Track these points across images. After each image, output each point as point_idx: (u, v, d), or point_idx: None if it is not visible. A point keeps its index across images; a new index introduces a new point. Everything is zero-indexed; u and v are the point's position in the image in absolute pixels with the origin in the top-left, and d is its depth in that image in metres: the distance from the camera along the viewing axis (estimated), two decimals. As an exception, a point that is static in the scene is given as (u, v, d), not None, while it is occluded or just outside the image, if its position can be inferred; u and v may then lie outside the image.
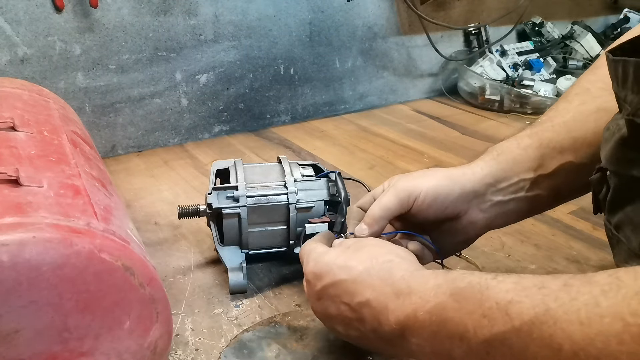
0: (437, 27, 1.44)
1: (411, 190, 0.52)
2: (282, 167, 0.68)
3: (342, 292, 0.44)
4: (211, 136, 1.19)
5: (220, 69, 1.15)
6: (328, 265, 0.46)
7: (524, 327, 0.32)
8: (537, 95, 1.37)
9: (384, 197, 0.52)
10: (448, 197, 0.52)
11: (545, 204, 0.56)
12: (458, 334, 0.36)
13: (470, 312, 0.35)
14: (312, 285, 0.47)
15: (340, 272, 0.45)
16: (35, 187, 0.43)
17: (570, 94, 0.55)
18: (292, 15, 1.21)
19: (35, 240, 0.37)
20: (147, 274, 0.43)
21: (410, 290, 0.40)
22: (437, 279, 0.39)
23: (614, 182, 0.43)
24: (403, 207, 0.52)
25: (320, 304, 0.47)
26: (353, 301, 0.43)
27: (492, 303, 0.34)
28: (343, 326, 0.45)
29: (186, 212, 0.66)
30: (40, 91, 0.70)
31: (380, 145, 1.16)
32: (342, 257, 0.46)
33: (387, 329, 0.41)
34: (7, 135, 0.51)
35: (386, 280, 0.42)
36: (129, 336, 0.43)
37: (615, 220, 0.44)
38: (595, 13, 1.88)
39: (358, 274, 0.44)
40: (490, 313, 0.34)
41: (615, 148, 0.41)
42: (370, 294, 0.42)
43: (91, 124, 1.02)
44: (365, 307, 0.42)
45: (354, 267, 0.45)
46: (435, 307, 0.38)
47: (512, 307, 0.33)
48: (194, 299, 0.63)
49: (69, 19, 0.94)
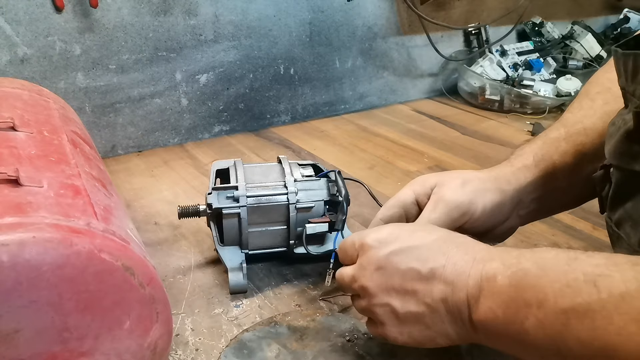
0: (437, 27, 1.44)
1: (466, 210, 0.50)
2: (282, 167, 0.68)
3: (413, 258, 0.42)
4: (211, 136, 1.19)
5: (220, 69, 1.15)
6: (394, 234, 0.44)
7: (612, 300, 0.30)
8: (537, 95, 1.37)
9: (432, 213, 0.50)
10: (501, 213, 0.52)
11: (570, 206, 0.57)
12: (536, 301, 0.34)
13: (553, 281, 0.34)
14: (374, 253, 0.43)
15: (410, 239, 0.43)
16: (35, 187, 0.43)
17: (592, 92, 0.55)
18: (292, 15, 1.21)
19: (35, 240, 0.37)
20: (147, 274, 0.43)
21: (492, 256, 0.39)
22: (520, 250, 0.38)
23: (616, 178, 0.43)
24: (455, 224, 0.50)
25: (380, 274, 0.43)
26: (425, 267, 0.41)
27: (579, 274, 0.33)
28: (403, 299, 0.42)
29: (186, 212, 0.66)
30: (40, 91, 0.70)
31: (380, 145, 1.16)
32: (405, 227, 0.44)
33: (462, 295, 0.39)
34: (7, 135, 0.51)
35: (465, 249, 0.41)
36: (129, 336, 0.43)
37: (616, 217, 0.44)
38: (595, 13, 1.88)
39: (432, 241, 0.42)
40: (575, 284, 0.32)
41: (620, 142, 0.42)
42: (447, 260, 0.40)
43: (91, 124, 1.02)
44: (438, 272, 0.40)
45: (426, 236, 0.43)
46: (517, 273, 0.36)
47: (600, 280, 0.31)
48: (194, 299, 0.63)
49: (69, 19, 0.94)
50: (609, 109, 0.52)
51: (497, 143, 1.16)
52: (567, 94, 1.39)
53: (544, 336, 0.34)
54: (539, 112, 1.35)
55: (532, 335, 0.34)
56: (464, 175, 0.53)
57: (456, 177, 0.52)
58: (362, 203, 0.85)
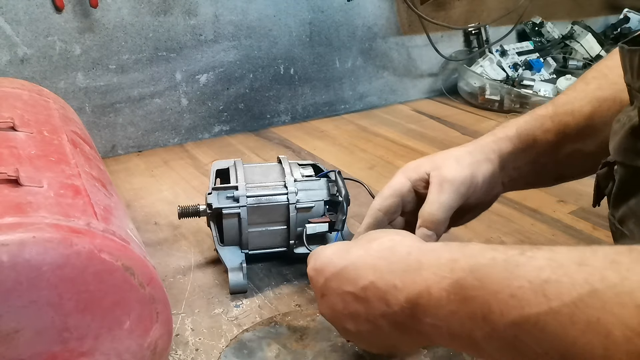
0: (437, 27, 1.44)
1: (470, 182, 0.51)
2: (282, 167, 0.68)
3: (344, 280, 0.41)
4: (211, 136, 1.19)
5: (220, 69, 1.15)
6: (327, 258, 0.44)
7: (564, 309, 0.28)
8: (537, 95, 1.37)
9: (442, 195, 0.50)
10: (495, 181, 0.54)
11: (548, 182, 0.59)
12: (481, 315, 0.32)
13: (495, 292, 0.31)
14: (315, 282, 0.45)
15: (339, 261, 0.42)
16: (35, 187, 0.43)
17: (588, 77, 0.56)
18: (292, 15, 1.21)
19: (35, 240, 0.37)
20: (147, 274, 0.43)
21: (420, 265, 0.37)
22: (452, 253, 0.36)
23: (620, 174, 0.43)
24: (462, 200, 0.50)
25: (325, 302, 0.44)
26: (357, 287, 0.40)
27: (524, 282, 0.30)
28: (352, 321, 0.42)
29: (186, 212, 0.66)
30: (40, 91, 0.70)
31: (380, 145, 1.16)
32: (341, 248, 0.44)
33: (397, 309, 0.37)
34: (7, 135, 0.51)
35: (389, 259, 0.39)
36: (129, 336, 0.43)
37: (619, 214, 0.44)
38: (595, 13, 1.88)
39: (357, 258, 0.41)
40: (520, 293, 0.30)
41: (624, 138, 0.42)
42: (373, 275, 0.39)
43: (91, 124, 1.02)
44: (370, 290, 0.39)
45: (353, 252, 0.42)
46: (453, 285, 0.34)
47: (549, 287, 0.29)
48: (194, 299, 0.63)
49: (69, 19, 0.94)
50: (601, 94, 0.53)
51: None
52: (567, 94, 1.39)
53: (496, 347, 0.32)
54: (539, 112, 1.35)
55: (484, 346, 0.32)
56: (452, 153, 0.54)
57: (447, 156, 0.53)
58: (362, 203, 0.85)
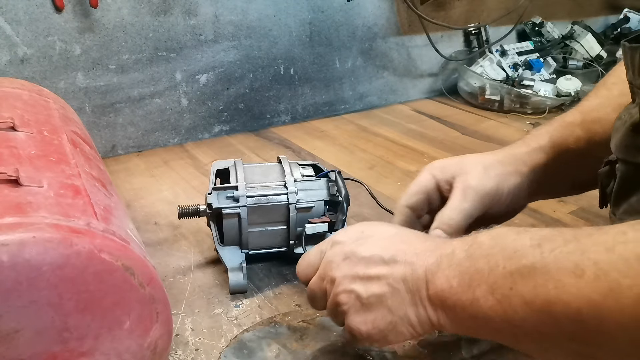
0: (437, 27, 1.44)
1: (494, 194, 0.52)
2: (282, 167, 0.68)
3: (377, 246, 0.44)
4: (211, 136, 1.19)
5: (220, 69, 1.15)
6: (359, 230, 0.47)
7: (551, 257, 0.32)
8: (537, 95, 1.37)
9: (464, 203, 0.51)
10: (520, 194, 0.54)
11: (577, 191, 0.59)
12: (488, 268, 0.36)
13: (503, 248, 0.36)
14: (343, 245, 0.46)
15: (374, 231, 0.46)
16: (35, 187, 0.43)
17: (608, 82, 0.56)
18: (292, 15, 1.21)
19: (35, 240, 0.37)
20: (147, 274, 0.43)
21: (451, 240, 0.41)
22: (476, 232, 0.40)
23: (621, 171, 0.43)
24: (484, 210, 0.52)
25: (346, 263, 0.44)
26: (387, 253, 0.43)
27: (526, 240, 0.35)
28: (367, 283, 0.43)
29: (186, 212, 0.66)
30: (40, 91, 0.70)
31: (380, 145, 1.16)
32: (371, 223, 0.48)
33: (420, 272, 0.40)
34: (7, 135, 0.51)
35: (425, 238, 0.44)
36: (129, 336, 0.43)
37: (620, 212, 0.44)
38: (595, 13, 1.88)
39: (393, 234, 0.45)
40: (522, 248, 0.34)
41: (625, 135, 0.42)
42: (408, 247, 0.43)
43: (91, 124, 1.02)
44: (400, 256, 0.42)
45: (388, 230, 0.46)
46: (472, 246, 0.38)
47: (544, 243, 0.34)
48: (194, 299, 0.63)
49: (69, 19, 0.94)
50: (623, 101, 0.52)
51: (497, 143, 1.16)
52: (567, 94, 1.39)
53: (493, 302, 0.35)
54: (539, 112, 1.35)
55: (483, 302, 0.36)
56: (482, 160, 0.54)
57: (476, 163, 0.53)
58: (362, 203, 0.85)
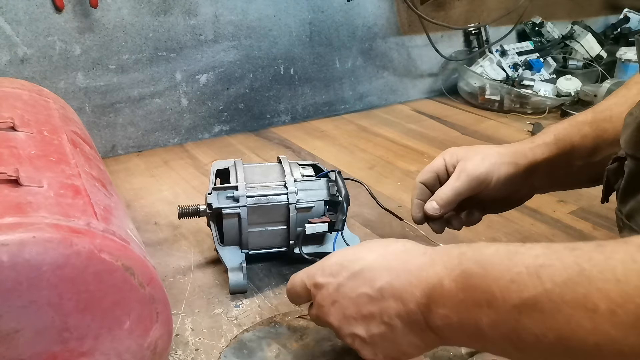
0: (437, 27, 1.44)
1: (483, 178, 0.57)
2: (282, 167, 0.68)
3: (360, 282, 0.43)
4: (211, 136, 1.19)
5: (220, 69, 1.15)
6: (338, 264, 0.45)
7: (556, 289, 0.30)
8: (537, 95, 1.37)
9: (456, 182, 0.57)
10: (515, 182, 0.58)
11: (584, 184, 0.61)
12: (485, 301, 0.34)
13: (497, 278, 0.34)
14: (327, 288, 0.45)
15: (353, 265, 0.44)
16: (35, 187, 0.43)
17: (630, 83, 0.58)
18: (292, 15, 1.21)
19: (35, 240, 0.37)
20: (147, 274, 0.43)
21: (433, 261, 0.39)
22: (460, 248, 0.38)
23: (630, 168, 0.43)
24: (474, 192, 0.57)
25: (336, 307, 0.44)
26: (373, 288, 0.41)
27: (521, 268, 0.33)
28: (364, 324, 0.43)
29: (186, 212, 0.66)
30: (40, 91, 0.70)
31: (380, 145, 1.16)
32: (348, 252, 0.45)
33: (413, 306, 0.39)
34: (7, 135, 0.51)
35: (405, 260, 0.41)
36: (129, 336, 0.43)
37: (627, 209, 0.44)
38: (596, 13, 1.88)
39: (373, 260, 0.43)
40: (519, 278, 0.32)
41: (636, 130, 0.42)
42: (389, 276, 0.41)
43: (91, 124, 1.02)
44: (386, 290, 0.41)
45: (366, 256, 0.43)
46: (461, 275, 0.36)
47: (543, 271, 0.31)
48: (194, 299, 0.63)
49: (69, 19, 0.94)
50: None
51: (497, 143, 1.15)
52: (567, 94, 1.39)
53: (500, 334, 0.34)
54: (539, 112, 1.35)
55: (489, 334, 0.35)
56: (486, 150, 0.59)
57: (478, 152, 0.59)
58: (362, 203, 0.85)
